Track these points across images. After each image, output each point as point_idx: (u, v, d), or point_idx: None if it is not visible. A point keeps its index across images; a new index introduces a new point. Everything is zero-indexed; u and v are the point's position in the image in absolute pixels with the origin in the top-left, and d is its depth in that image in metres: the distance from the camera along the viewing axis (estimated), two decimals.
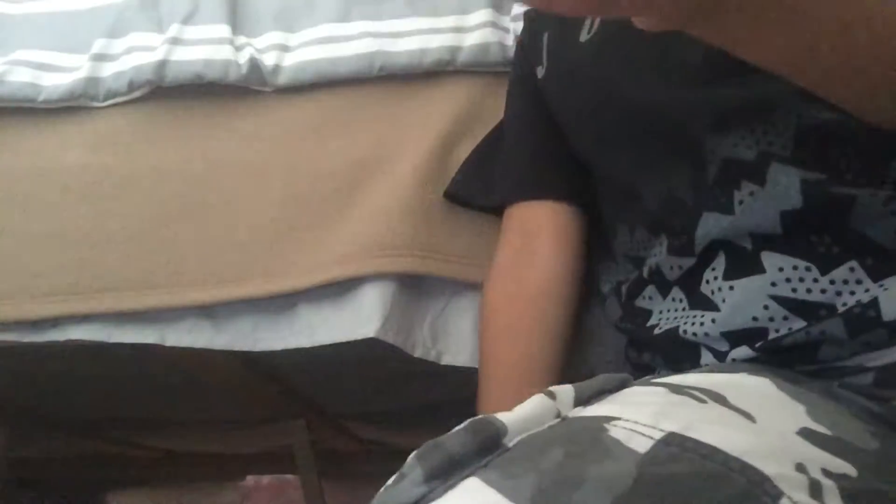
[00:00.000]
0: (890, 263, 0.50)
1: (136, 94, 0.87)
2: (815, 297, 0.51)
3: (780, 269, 0.52)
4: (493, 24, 0.87)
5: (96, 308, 0.80)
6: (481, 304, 0.76)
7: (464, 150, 0.83)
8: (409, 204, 0.80)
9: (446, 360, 0.80)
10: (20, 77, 0.88)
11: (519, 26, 0.87)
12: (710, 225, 0.56)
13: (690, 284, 0.58)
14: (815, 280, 0.51)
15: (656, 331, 0.61)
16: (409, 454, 0.36)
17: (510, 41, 0.87)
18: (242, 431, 1.53)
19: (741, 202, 0.54)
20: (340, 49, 0.87)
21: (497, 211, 0.80)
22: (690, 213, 0.57)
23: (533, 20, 0.79)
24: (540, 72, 0.74)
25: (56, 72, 0.90)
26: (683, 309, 0.59)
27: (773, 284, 0.52)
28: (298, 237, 0.81)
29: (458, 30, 0.87)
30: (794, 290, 0.52)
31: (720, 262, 0.56)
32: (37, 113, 0.88)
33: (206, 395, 1.22)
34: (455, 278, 0.79)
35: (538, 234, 0.74)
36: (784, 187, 0.52)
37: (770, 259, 0.53)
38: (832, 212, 0.51)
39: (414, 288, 0.81)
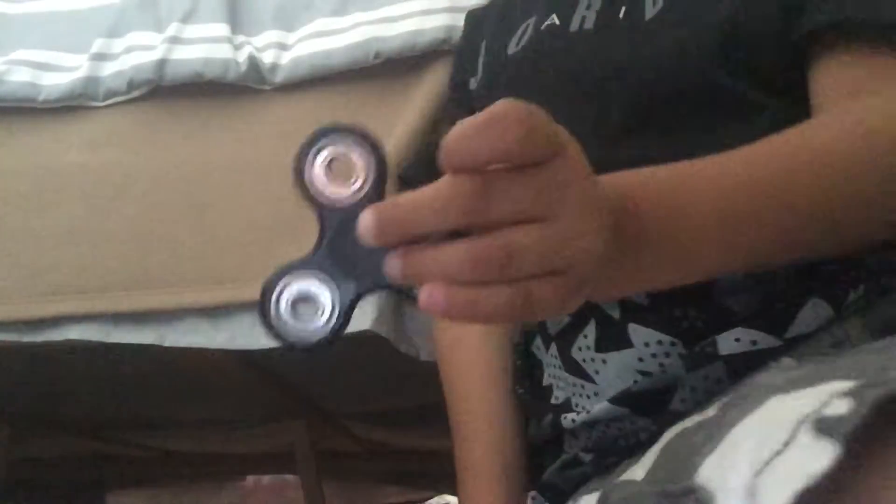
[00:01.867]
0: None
1: (136, 93, 0.87)
2: (680, 371, 0.50)
3: (647, 344, 0.52)
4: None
5: (95, 308, 0.80)
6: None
7: None
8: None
9: (424, 356, 0.81)
10: (20, 77, 0.88)
11: None
12: None
13: (563, 345, 0.58)
14: (681, 355, 0.51)
15: (553, 396, 0.59)
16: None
17: None
18: (242, 431, 1.53)
19: None
20: (335, 41, 0.86)
21: None
22: None
23: (473, 27, 0.77)
24: (473, 83, 0.72)
25: (56, 71, 0.90)
26: (559, 368, 0.58)
27: (641, 360, 0.52)
28: (297, 236, 0.81)
29: (454, 9, 0.86)
30: (661, 366, 0.51)
31: (591, 331, 0.55)
32: (37, 113, 0.88)
33: (206, 395, 1.22)
34: None
35: None
36: None
37: (637, 333, 0.52)
38: (695, 284, 0.50)
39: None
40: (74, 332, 0.81)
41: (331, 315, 0.36)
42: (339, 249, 0.35)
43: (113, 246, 0.82)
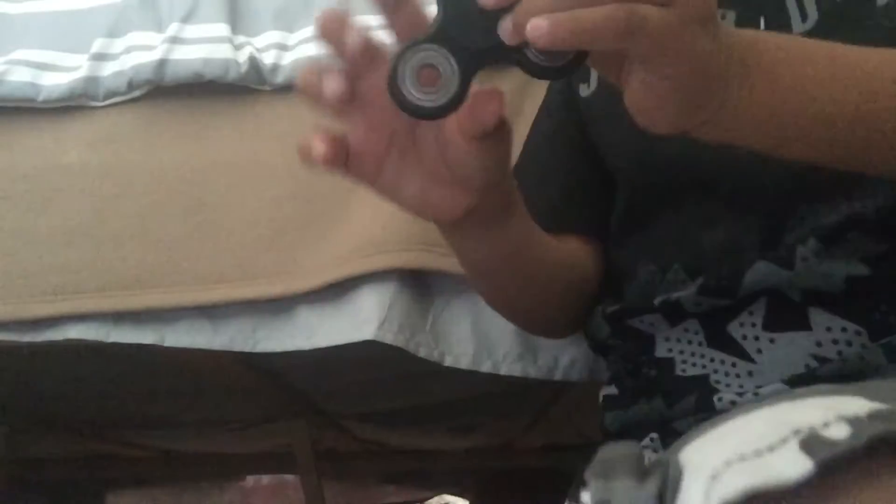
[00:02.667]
0: None
1: (136, 93, 0.87)
2: (880, 360, 0.48)
3: (828, 329, 0.49)
4: None
5: (95, 307, 0.80)
6: None
7: None
8: None
9: (448, 361, 0.80)
10: (20, 77, 0.88)
11: None
12: (762, 274, 0.52)
13: (714, 321, 0.55)
14: (864, 346, 0.48)
15: (678, 371, 0.56)
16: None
17: None
18: (242, 431, 1.53)
19: (804, 259, 0.51)
20: None
21: None
22: (746, 261, 0.53)
23: None
24: (584, 90, 0.69)
25: (56, 71, 0.90)
26: (700, 344, 0.55)
27: (819, 344, 0.49)
28: (298, 236, 0.81)
29: None
30: (839, 353, 0.48)
31: (760, 307, 0.52)
32: (37, 113, 0.88)
33: (206, 395, 1.22)
34: (454, 272, 0.78)
35: None
36: (852, 251, 0.50)
37: (818, 316, 0.50)
38: (890, 280, 0.49)
39: (415, 288, 0.81)
40: (74, 332, 0.81)
41: (451, 83, 0.40)
42: (456, 22, 0.40)
43: (113, 246, 0.82)
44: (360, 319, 0.77)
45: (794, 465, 0.29)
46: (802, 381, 0.49)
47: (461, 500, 2.21)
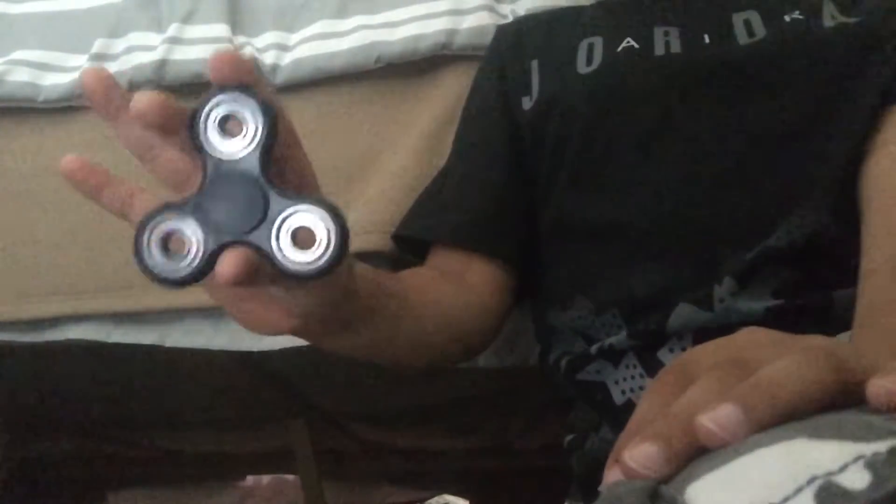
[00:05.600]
0: None
1: None
2: None
3: None
4: (490, 9, 0.87)
5: (95, 308, 0.80)
6: None
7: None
8: (401, 187, 0.79)
9: None
10: (20, 77, 0.88)
11: (517, 10, 0.86)
12: (686, 317, 0.55)
13: (648, 352, 0.57)
14: None
15: (620, 400, 0.58)
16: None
17: None
18: (242, 431, 1.53)
19: (721, 300, 0.54)
20: (337, 44, 0.86)
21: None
22: (670, 304, 0.56)
23: (513, 44, 0.75)
24: (526, 103, 0.69)
25: (56, 72, 0.90)
26: (641, 376, 0.56)
27: None
28: None
29: (455, 13, 0.86)
30: None
31: (689, 338, 0.55)
32: (37, 113, 0.88)
33: (206, 395, 1.22)
34: None
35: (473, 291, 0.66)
36: (766, 286, 0.53)
37: None
38: (813, 309, 0.52)
39: None
40: (75, 332, 0.81)
41: (195, 257, 0.37)
42: (216, 198, 0.38)
43: (113, 246, 0.82)
44: None
45: None
46: None
47: (461, 500, 2.21)
